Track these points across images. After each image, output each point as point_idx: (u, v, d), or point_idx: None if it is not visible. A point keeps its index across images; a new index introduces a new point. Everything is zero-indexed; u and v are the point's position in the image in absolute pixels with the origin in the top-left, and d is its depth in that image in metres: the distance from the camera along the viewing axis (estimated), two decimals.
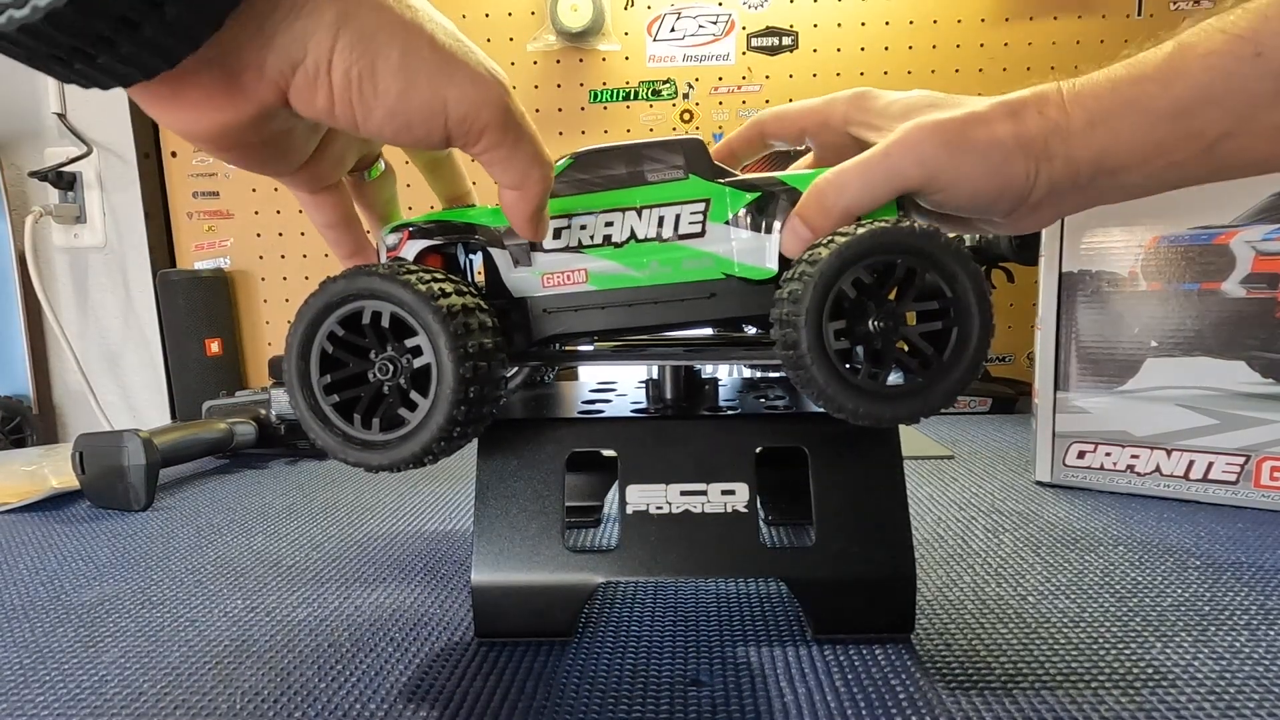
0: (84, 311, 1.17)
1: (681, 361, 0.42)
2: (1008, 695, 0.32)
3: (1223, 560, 0.46)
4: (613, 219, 0.36)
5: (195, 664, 0.37)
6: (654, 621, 0.40)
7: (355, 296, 0.32)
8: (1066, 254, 0.60)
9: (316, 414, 0.33)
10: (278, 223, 1.14)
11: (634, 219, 0.36)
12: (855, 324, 0.32)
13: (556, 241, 0.36)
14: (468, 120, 0.28)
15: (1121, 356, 0.59)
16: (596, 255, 0.36)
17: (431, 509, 0.62)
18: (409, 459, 0.32)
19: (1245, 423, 0.55)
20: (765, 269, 0.35)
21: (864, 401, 0.32)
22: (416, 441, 0.32)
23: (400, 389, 0.33)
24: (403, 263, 0.34)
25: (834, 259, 0.31)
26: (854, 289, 0.32)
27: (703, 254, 0.36)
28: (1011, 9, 1.05)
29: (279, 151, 0.30)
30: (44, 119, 1.12)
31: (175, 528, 0.59)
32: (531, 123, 0.31)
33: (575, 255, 0.36)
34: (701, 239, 0.36)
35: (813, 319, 0.31)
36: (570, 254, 0.36)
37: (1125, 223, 0.57)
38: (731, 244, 0.36)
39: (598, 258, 0.36)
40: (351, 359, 0.33)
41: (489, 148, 0.30)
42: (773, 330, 0.33)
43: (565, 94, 1.10)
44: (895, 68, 1.06)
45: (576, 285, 0.36)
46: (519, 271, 0.37)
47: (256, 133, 0.27)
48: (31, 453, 0.90)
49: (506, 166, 0.31)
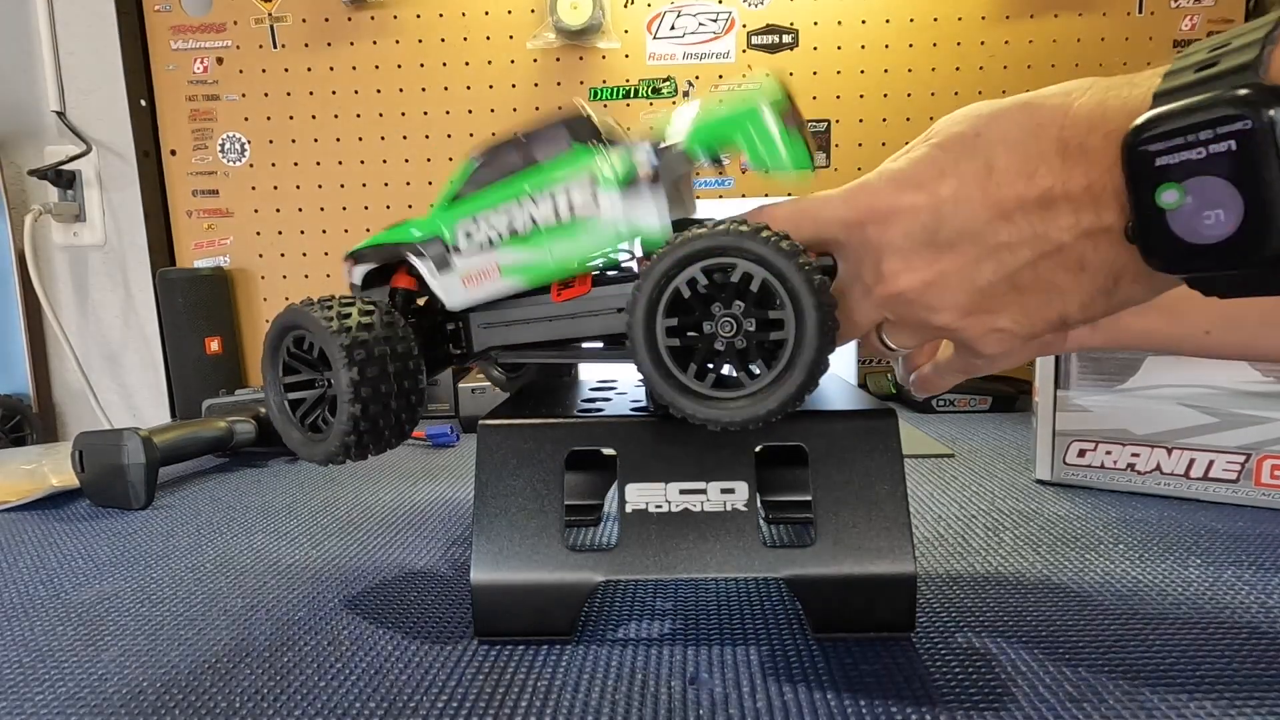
0: (84, 310, 1.17)
1: (567, 359, 0.44)
2: (1008, 695, 0.32)
3: (1223, 559, 0.46)
4: (513, 210, 0.38)
5: (195, 663, 0.37)
6: (654, 621, 0.40)
7: (292, 328, 0.40)
8: None
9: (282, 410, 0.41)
10: (277, 221, 1.14)
11: (532, 207, 0.38)
12: (692, 325, 0.33)
13: (468, 242, 0.39)
14: None
15: (1122, 355, 0.59)
16: (505, 248, 0.38)
17: (431, 508, 0.62)
18: (326, 458, 0.39)
19: (1246, 421, 0.55)
20: (655, 227, 0.36)
21: (695, 403, 0.33)
22: (323, 449, 0.39)
23: (319, 403, 0.41)
24: (332, 298, 0.40)
25: (669, 258, 0.32)
26: (693, 290, 0.32)
27: (599, 224, 0.37)
28: (1012, 7, 1.05)
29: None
30: (44, 117, 1.12)
31: (175, 526, 0.59)
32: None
33: (486, 253, 0.39)
34: (596, 211, 0.37)
35: (646, 315, 0.33)
36: (482, 252, 0.39)
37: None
38: (622, 209, 0.37)
39: (506, 249, 0.38)
40: (304, 369, 0.41)
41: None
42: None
43: (565, 92, 1.10)
44: (895, 65, 1.06)
45: (492, 281, 0.40)
46: (443, 277, 0.40)
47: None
48: (31, 451, 0.90)
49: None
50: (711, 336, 0.33)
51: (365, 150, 1.12)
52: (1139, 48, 1.05)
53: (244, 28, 1.10)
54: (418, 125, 1.11)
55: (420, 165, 1.12)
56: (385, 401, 0.38)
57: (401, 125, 1.11)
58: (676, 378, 0.33)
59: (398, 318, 0.40)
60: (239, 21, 1.09)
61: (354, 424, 0.37)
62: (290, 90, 1.11)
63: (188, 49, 1.10)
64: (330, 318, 0.38)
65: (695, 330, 0.34)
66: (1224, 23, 1.04)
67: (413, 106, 1.11)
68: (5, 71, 1.11)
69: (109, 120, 1.11)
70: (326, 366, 0.40)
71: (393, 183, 1.12)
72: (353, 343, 0.37)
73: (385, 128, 1.11)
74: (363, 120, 1.11)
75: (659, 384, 0.34)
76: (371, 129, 1.11)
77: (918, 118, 1.06)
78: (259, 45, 1.10)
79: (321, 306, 0.39)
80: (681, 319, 0.33)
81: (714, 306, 0.33)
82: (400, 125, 1.11)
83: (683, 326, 0.33)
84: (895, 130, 1.07)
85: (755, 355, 0.33)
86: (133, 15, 1.09)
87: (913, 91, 1.06)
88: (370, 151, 1.12)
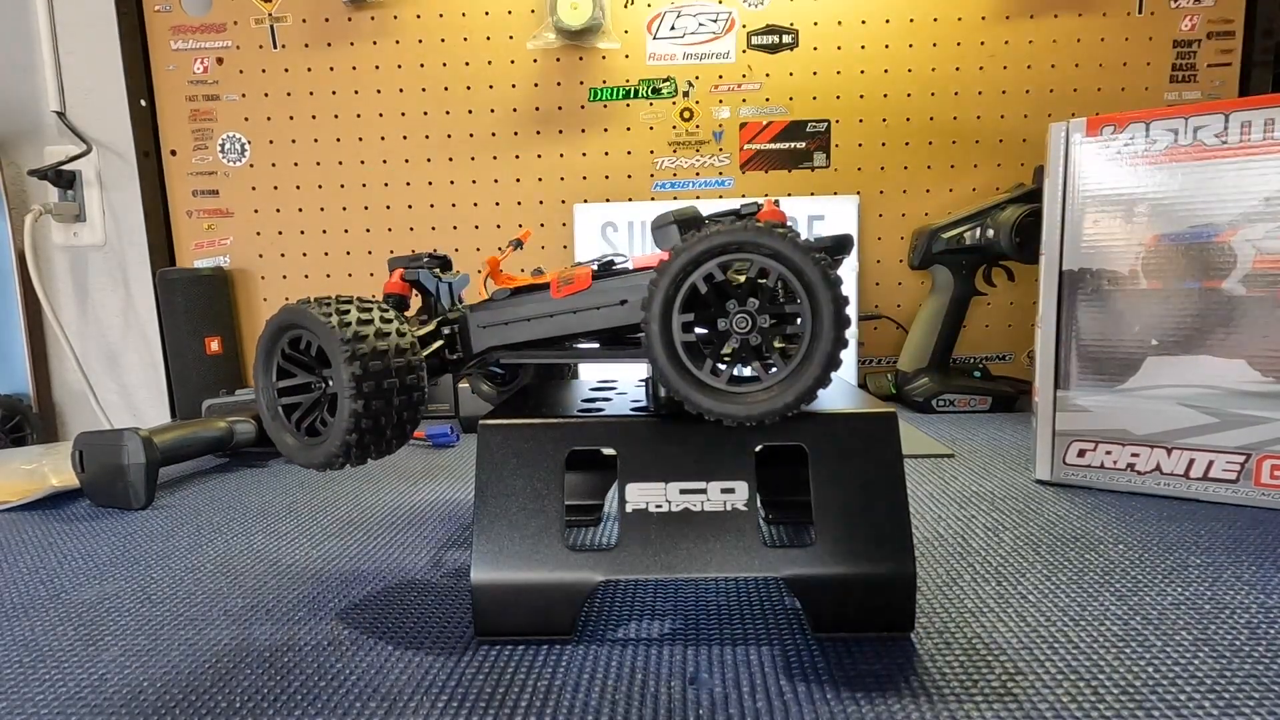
0: (84, 310, 1.17)
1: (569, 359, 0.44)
2: (1008, 694, 0.32)
3: (1223, 559, 0.46)
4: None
5: (195, 663, 0.37)
6: (654, 621, 0.40)
7: (289, 328, 0.40)
8: (1067, 252, 0.60)
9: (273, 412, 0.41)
10: (277, 221, 1.14)
11: None
12: (705, 322, 0.33)
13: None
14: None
15: (1122, 355, 0.59)
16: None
17: (431, 508, 0.62)
18: (326, 460, 0.39)
19: (1245, 421, 0.55)
20: None
21: (711, 398, 0.33)
22: (322, 450, 0.39)
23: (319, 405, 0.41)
24: (329, 298, 0.40)
25: (686, 254, 0.33)
26: (710, 286, 0.33)
27: None
28: (1012, 7, 1.05)
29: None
30: (44, 117, 1.12)
31: (175, 526, 0.59)
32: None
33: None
34: None
35: (662, 310, 0.33)
36: None
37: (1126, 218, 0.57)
38: None
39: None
40: (300, 372, 0.41)
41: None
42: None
43: (565, 92, 1.10)
44: (895, 65, 1.06)
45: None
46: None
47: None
48: (31, 451, 0.90)
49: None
50: (726, 333, 0.33)
51: (365, 150, 1.12)
52: (1139, 48, 1.05)
53: (244, 28, 1.10)
54: (418, 125, 1.11)
55: (420, 165, 1.12)
56: (387, 397, 0.38)
57: (401, 125, 1.11)
58: (693, 373, 0.33)
59: (397, 316, 0.40)
60: (239, 21, 1.09)
61: (355, 421, 0.37)
62: (290, 90, 1.11)
63: (188, 49, 1.10)
64: (329, 314, 0.38)
65: (708, 327, 0.34)
66: (1224, 22, 1.04)
67: (413, 106, 1.11)
68: (5, 71, 1.11)
69: (109, 120, 1.11)
70: (325, 366, 0.40)
71: (393, 183, 1.12)
72: (354, 336, 0.37)
73: (385, 128, 1.11)
74: (363, 120, 1.11)
75: (675, 380, 0.34)
76: (371, 129, 1.11)
77: (918, 118, 1.06)
78: (259, 45, 1.10)
79: (319, 305, 0.39)
80: (696, 316, 0.33)
81: (729, 303, 0.33)
82: (400, 125, 1.11)
83: (697, 323, 0.34)
84: (895, 130, 1.07)
85: (770, 351, 0.33)
86: (133, 15, 1.09)
87: (913, 91, 1.06)
88: (370, 151, 1.12)
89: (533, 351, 0.43)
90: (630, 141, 1.10)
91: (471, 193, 1.12)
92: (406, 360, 0.39)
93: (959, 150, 1.07)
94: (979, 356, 1.10)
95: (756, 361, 0.34)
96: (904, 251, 1.09)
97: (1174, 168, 0.56)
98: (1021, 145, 1.06)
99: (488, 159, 1.11)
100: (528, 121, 1.11)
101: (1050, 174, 0.60)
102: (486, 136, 1.11)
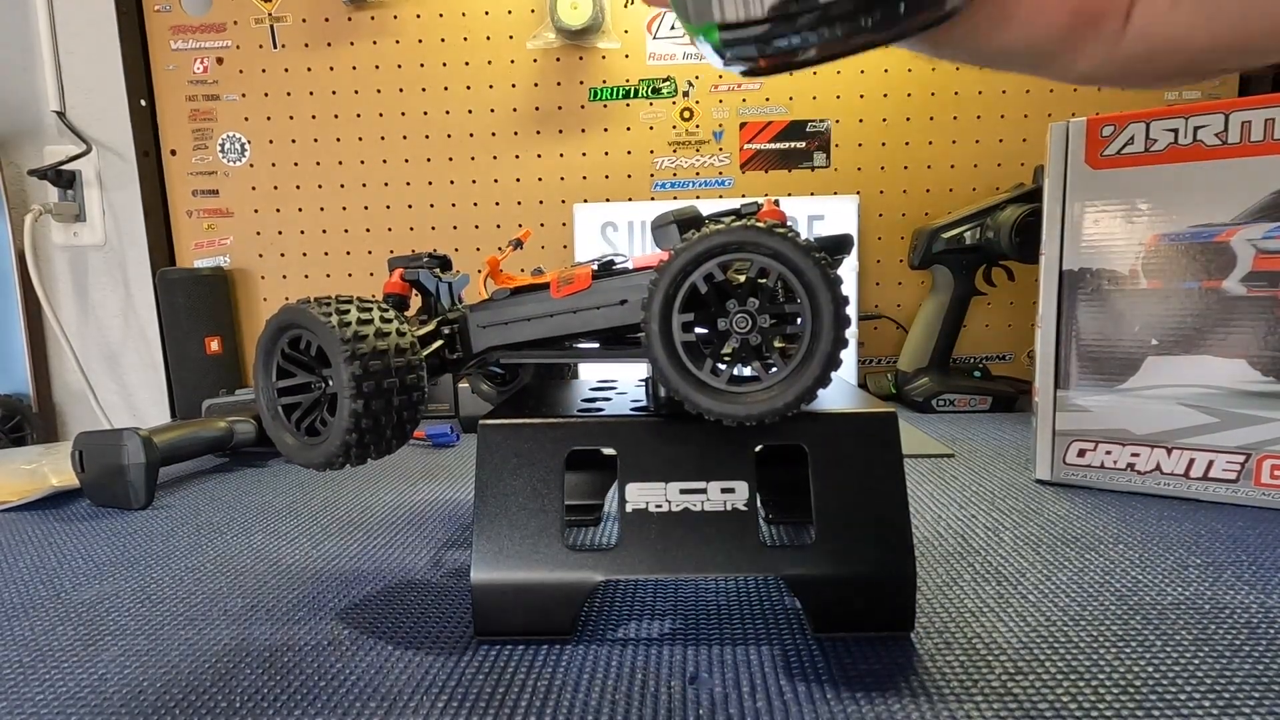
0: (84, 310, 1.17)
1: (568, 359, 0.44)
2: (1008, 694, 0.32)
3: (1223, 559, 0.46)
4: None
5: (195, 663, 0.37)
6: (654, 621, 0.40)
7: (289, 327, 0.40)
8: (1067, 252, 0.60)
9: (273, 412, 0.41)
10: (277, 221, 1.14)
11: None
12: (704, 322, 0.33)
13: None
14: None
15: (1122, 355, 0.59)
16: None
17: (431, 507, 0.62)
18: (326, 460, 0.39)
19: (1246, 421, 0.55)
20: None
21: (711, 398, 0.33)
22: (322, 450, 0.39)
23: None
24: (329, 297, 0.40)
25: (686, 254, 0.33)
26: (710, 286, 0.33)
27: None
28: None
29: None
30: (44, 117, 1.12)
31: (175, 526, 0.59)
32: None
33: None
34: None
35: (662, 310, 0.33)
36: None
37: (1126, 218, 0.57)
38: None
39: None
40: (299, 372, 0.40)
41: None
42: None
43: (565, 92, 1.10)
44: (895, 64, 1.06)
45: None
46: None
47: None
48: (31, 451, 0.90)
49: None
50: (725, 333, 0.33)
51: (365, 150, 1.12)
52: None
53: (244, 28, 1.10)
54: (418, 125, 1.11)
55: (420, 165, 1.12)
56: (387, 397, 0.38)
57: (401, 125, 1.11)
58: (693, 373, 0.34)
59: (397, 315, 0.40)
60: (239, 21, 1.09)
61: (356, 420, 0.37)
62: (290, 90, 1.11)
63: (188, 49, 1.10)
64: (329, 313, 0.38)
65: (708, 327, 0.34)
66: None
67: (413, 106, 1.11)
68: (5, 71, 1.11)
69: (109, 120, 1.11)
70: (325, 365, 0.40)
71: (393, 183, 1.12)
72: (354, 336, 0.37)
73: (385, 128, 1.11)
74: (363, 120, 1.11)
75: (675, 380, 0.34)
76: (371, 129, 1.11)
77: (918, 118, 1.06)
78: (259, 45, 1.10)
79: (319, 304, 0.39)
80: (696, 316, 0.34)
81: (729, 303, 0.33)
82: (400, 125, 1.11)
83: (697, 323, 0.34)
84: (895, 130, 1.07)
85: (770, 350, 0.33)
86: (133, 15, 1.09)
87: (913, 92, 1.06)
88: (370, 151, 1.12)
89: (533, 351, 0.43)
90: (630, 141, 1.10)
91: (471, 193, 1.12)
92: (406, 360, 0.39)
93: (959, 150, 1.07)
94: (979, 356, 1.10)
95: (756, 361, 0.34)
96: (904, 251, 1.09)
97: (1174, 168, 0.56)
98: (1021, 145, 1.06)
99: (488, 159, 1.11)
100: (528, 121, 1.11)
101: (1050, 174, 0.60)
102: (486, 136, 1.11)
